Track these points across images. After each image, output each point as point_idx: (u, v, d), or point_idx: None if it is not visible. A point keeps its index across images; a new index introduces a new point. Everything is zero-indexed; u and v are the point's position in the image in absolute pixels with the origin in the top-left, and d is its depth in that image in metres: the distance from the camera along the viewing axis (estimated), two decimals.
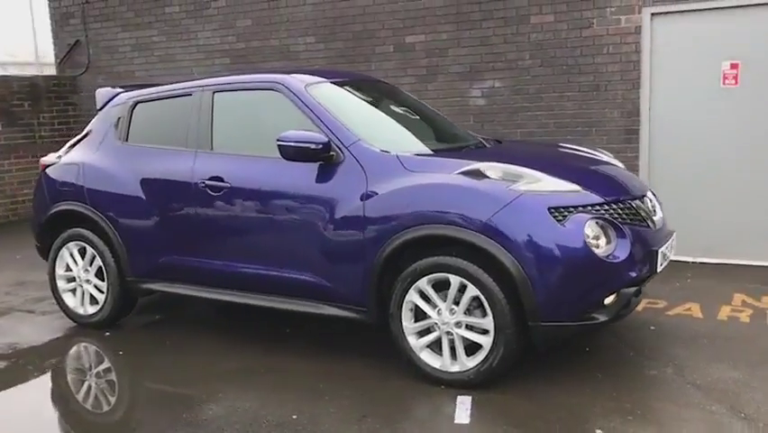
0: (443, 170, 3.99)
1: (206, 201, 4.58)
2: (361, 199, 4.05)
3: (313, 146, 4.12)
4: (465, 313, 3.84)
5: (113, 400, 4.09)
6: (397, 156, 4.12)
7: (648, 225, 4.03)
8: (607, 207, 3.85)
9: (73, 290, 5.32)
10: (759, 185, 6.45)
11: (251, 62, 8.74)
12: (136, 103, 5.15)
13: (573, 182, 3.88)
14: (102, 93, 5.43)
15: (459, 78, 7.61)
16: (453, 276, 3.82)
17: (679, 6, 6.59)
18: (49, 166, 5.42)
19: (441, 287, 3.92)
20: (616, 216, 3.85)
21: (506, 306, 3.70)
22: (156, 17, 9.44)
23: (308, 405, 3.78)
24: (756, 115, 6.44)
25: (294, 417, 3.66)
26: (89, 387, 4.27)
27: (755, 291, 5.57)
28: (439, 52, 7.69)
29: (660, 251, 3.97)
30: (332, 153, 4.18)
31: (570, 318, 3.71)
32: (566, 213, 3.69)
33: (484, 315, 3.80)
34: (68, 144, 5.53)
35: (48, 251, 5.40)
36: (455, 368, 3.90)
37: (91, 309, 5.22)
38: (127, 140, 5.11)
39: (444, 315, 3.89)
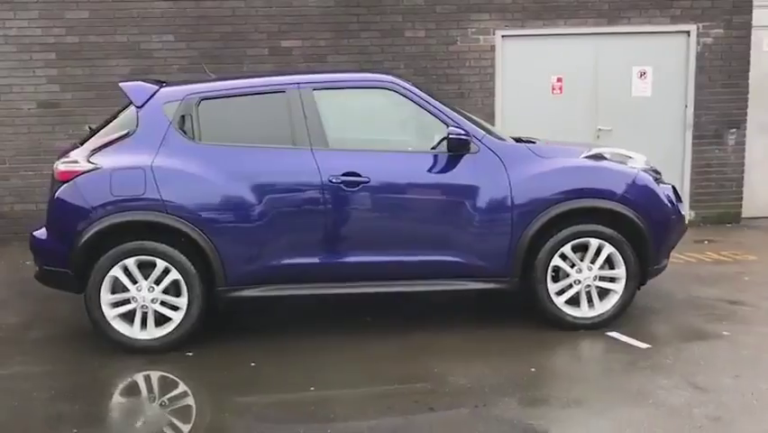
0: (569, 155, 4.94)
1: (340, 197, 4.62)
2: (507, 184, 4.72)
3: (465, 138, 4.65)
4: (599, 268, 4.85)
5: (356, 398, 3.97)
6: (527, 146, 4.90)
7: None
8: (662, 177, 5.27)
9: (124, 315, 4.62)
10: None
11: (89, 59, 7.87)
12: (201, 99, 4.75)
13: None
14: (135, 87, 4.79)
15: None
16: (594, 239, 4.80)
17: (521, 31, 8.37)
18: (79, 174, 4.57)
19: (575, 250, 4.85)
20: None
21: (635, 258, 4.84)
22: None
23: (526, 362, 4.35)
24: (575, 116, 8.58)
25: (532, 369, 4.24)
26: (315, 396, 3.99)
27: None
28: (317, 58, 8.14)
29: None
30: (471, 145, 4.75)
31: (660, 263, 5.04)
32: (658, 183, 5.00)
33: (611, 267, 4.86)
34: (86, 148, 4.71)
35: (80, 275, 4.57)
36: (592, 313, 4.88)
37: (159, 332, 4.63)
38: (200, 139, 4.69)
39: (584, 272, 4.83)
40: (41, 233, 4.73)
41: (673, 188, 5.19)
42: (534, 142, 5.47)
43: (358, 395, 4.02)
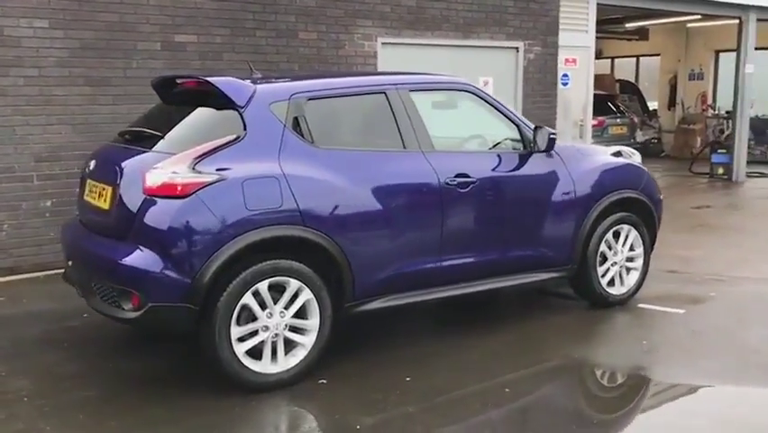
0: (603, 153, 5.59)
1: (455, 199, 4.59)
2: (570, 179, 5.20)
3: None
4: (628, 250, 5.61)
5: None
6: (573, 145, 5.43)
7: None
8: None
9: (249, 349, 3.97)
10: None
11: None
12: (308, 99, 4.27)
13: None
14: (233, 85, 4.11)
15: None
16: (627, 225, 5.53)
17: (398, 39, 8.79)
18: (201, 187, 3.77)
19: None
20: None
21: (649, 238, 5.70)
22: None
23: (630, 339, 4.96)
24: None
25: (644, 342, 4.82)
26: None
27: None
28: (213, 55, 7.49)
29: None
30: None
31: None
32: None
33: (632, 249, 5.66)
34: (195, 154, 3.86)
35: (201, 306, 3.82)
36: (623, 290, 5.58)
37: (290, 361, 4.08)
38: (318, 143, 4.23)
39: (619, 255, 5.53)
40: (141, 260, 3.76)
41: None
42: None
43: (545, 374, 4.27)
